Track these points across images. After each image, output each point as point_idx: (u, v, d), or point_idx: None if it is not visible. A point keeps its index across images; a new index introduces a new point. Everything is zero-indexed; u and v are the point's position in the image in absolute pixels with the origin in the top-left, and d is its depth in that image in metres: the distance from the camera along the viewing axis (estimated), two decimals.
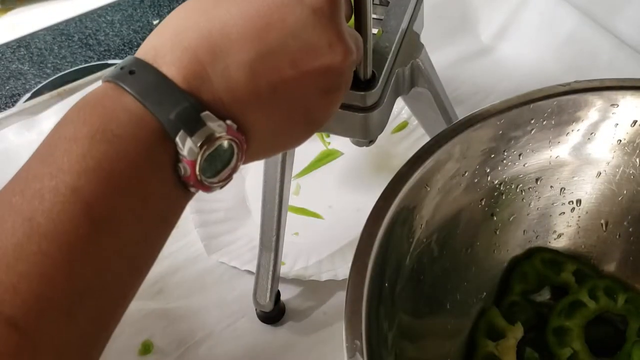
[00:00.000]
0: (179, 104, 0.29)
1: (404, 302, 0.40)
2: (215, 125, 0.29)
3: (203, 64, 0.30)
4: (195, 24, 0.30)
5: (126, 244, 0.28)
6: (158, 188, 0.29)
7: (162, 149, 0.29)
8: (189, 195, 0.31)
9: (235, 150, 0.30)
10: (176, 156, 0.29)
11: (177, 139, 0.28)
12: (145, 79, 0.29)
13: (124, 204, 0.28)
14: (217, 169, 0.30)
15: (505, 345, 0.46)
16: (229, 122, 0.30)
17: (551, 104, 0.43)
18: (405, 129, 0.65)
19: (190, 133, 0.28)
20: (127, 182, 0.28)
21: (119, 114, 0.28)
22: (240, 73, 0.30)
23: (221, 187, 0.31)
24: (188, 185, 0.30)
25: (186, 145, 0.28)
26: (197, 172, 0.29)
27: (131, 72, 0.29)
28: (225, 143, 0.30)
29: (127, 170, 0.28)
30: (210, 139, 0.29)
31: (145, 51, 0.30)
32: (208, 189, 0.30)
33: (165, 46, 0.30)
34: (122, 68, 0.30)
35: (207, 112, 0.29)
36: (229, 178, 0.31)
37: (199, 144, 0.28)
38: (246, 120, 0.31)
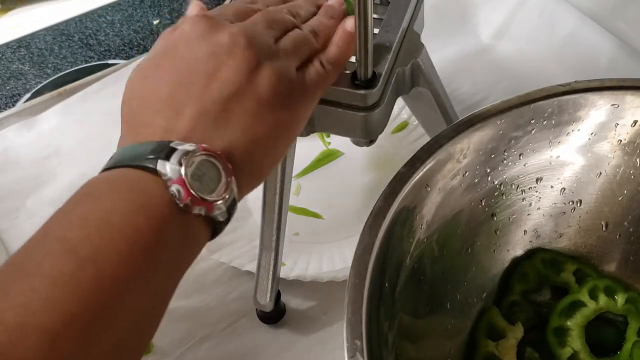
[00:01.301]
0: (149, 146, 0.31)
1: (404, 302, 0.40)
2: (187, 146, 0.31)
3: (155, 124, 0.33)
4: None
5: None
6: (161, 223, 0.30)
7: (157, 196, 0.30)
8: (196, 224, 0.32)
9: (220, 166, 0.32)
10: (167, 188, 0.30)
11: (158, 168, 0.30)
12: (120, 150, 0.33)
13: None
14: (211, 187, 0.31)
15: (506, 345, 0.46)
16: (203, 145, 0.32)
17: (551, 104, 0.43)
18: (405, 129, 0.65)
19: (167, 158, 0.31)
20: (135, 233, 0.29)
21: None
22: (186, 115, 0.33)
23: (227, 209, 0.32)
24: (191, 208, 0.31)
25: (167, 168, 0.30)
26: (189, 187, 0.30)
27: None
28: (204, 159, 0.31)
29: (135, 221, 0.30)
30: (185, 155, 0.31)
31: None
32: (211, 207, 0.31)
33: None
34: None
35: (175, 141, 0.31)
36: (227, 193, 0.32)
37: (177, 161, 0.30)
38: (215, 143, 0.33)
